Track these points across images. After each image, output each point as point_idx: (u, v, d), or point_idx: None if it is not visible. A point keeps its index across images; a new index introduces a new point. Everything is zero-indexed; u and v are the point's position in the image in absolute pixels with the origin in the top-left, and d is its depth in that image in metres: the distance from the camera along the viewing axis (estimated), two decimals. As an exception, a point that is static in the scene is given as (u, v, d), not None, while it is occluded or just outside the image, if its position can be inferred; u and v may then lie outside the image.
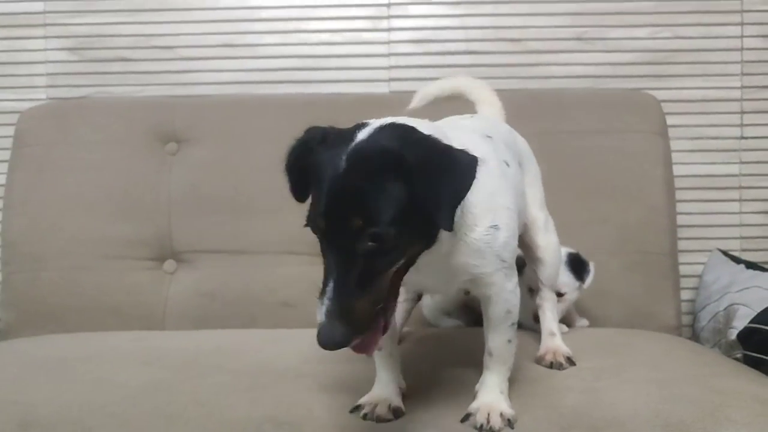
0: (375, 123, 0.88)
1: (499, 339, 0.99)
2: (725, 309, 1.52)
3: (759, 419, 0.96)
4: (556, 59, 1.90)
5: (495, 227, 0.93)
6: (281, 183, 1.65)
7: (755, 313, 1.39)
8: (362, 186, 0.82)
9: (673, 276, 1.62)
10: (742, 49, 1.89)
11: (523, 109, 1.73)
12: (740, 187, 1.89)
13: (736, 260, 1.66)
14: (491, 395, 0.98)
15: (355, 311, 0.81)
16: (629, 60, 1.89)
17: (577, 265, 1.39)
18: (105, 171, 1.69)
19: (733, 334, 1.42)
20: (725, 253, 1.73)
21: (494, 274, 0.95)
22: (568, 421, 0.97)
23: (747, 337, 1.39)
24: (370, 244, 0.81)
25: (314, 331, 1.40)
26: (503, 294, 0.97)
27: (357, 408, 0.99)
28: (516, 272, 1.00)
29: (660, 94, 1.79)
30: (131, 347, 1.29)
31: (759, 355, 1.35)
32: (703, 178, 1.87)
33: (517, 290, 1.00)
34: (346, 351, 0.84)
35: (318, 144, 0.89)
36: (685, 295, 1.75)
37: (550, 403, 1.01)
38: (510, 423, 0.95)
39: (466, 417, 0.96)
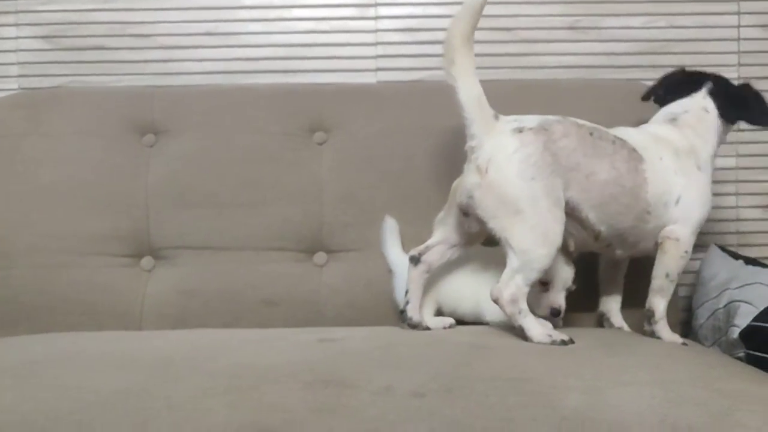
0: None
1: None
2: (725, 306, 1.47)
3: (770, 423, 0.91)
4: (549, 49, 1.85)
5: None
6: (264, 175, 1.61)
7: (758, 311, 1.35)
8: None
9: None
10: (738, 39, 1.85)
11: (515, 100, 1.66)
12: (737, 181, 1.85)
13: (735, 256, 1.62)
14: None
15: None
16: (624, 50, 1.84)
17: None
18: (79, 164, 1.61)
19: (734, 333, 1.38)
20: (723, 248, 1.68)
21: None
22: (569, 424, 0.92)
23: (750, 335, 1.34)
24: None
25: (298, 331, 1.36)
26: None
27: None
28: None
29: (655, 85, 1.74)
30: (103, 349, 1.21)
31: (763, 355, 1.30)
32: (700, 171, 1.82)
33: None
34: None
35: None
36: (682, 291, 1.71)
37: (550, 402, 0.95)
38: None
39: None
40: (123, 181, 1.61)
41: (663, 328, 1.35)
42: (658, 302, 1.35)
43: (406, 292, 1.35)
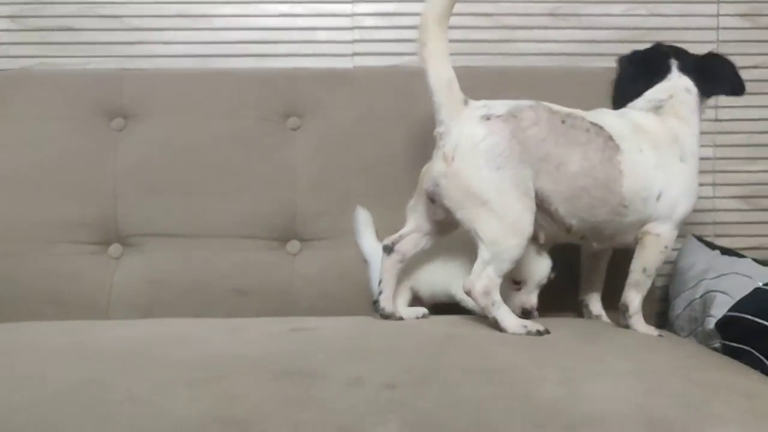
0: None
1: None
2: (701, 296, 1.46)
3: (746, 415, 0.89)
4: (529, 35, 1.82)
5: None
6: (236, 161, 1.57)
7: (734, 301, 1.33)
8: None
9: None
10: (718, 28, 1.84)
11: (494, 87, 1.64)
12: (714, 171, 1.84)
13: (711, 246, 1.61)
14: None
15: None
16: (604, 37, 1.82)
17: None
18: (44, 148, 1.56)
19: (710, 323, 1.36)
20: (700, 238, 1.67)
21: None
22: (544, 416, 0.90)
23: (726, 326, 1.33)
24: None
25: (269, 320, 1.33)
26: None
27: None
28: None
29: (634, 73, 1.72)
30: (66, 339, 1.17)
31: (739, 345, 1.29)
32: (678, 161, 1.81)
33: None
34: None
35: None
36: (659, 281, 1.70)
37: (524, 393, 0.93)
38: None
39: None
40: (90, 167, 1.56)
41: (638, 322, 1.32)
42: (634, 297, 1.31)
43: (380, 282, 1.32)
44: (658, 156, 1.30)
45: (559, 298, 1.41)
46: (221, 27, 1.79)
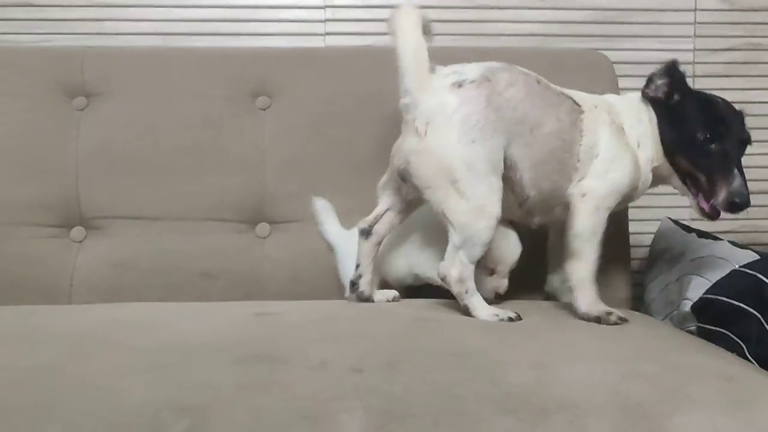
0: None
1: None
2: (677, 279, 1.44)
3: (722, 398, 0.87)
4: (504, 16, 1.80)
5: None
6: (203, 142, 1.53)
7: (710, 284, 1.32)
8: None
9: (623, 246, 1.54)
10: (695, 9, 1.82)
11: (469, 67, 1.61)
12: (691, 154, 1.82)
13: (688, 229, 1.59)
14: None
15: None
16: (580, 18, 1.80)
17: None
18: (2, 127, 1.50)
19: (686, 306, 1.35)
20: (676, 222, 1.65)
21: None
22: (515, 401, 0.86)
23: (702, 308, 1.31)
24: None
25: (235, 304, 1.29)
26: None
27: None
28: None
29: (611, 55, 1.69)
30: (22, 324, 1.13)
31: (715, 328, 1.27)
32: (654, 143, 1.79)
33: None
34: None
35: None
36: (634, 265, 1.68)
37: (495, 379, 0.90)
38: None
39: None
40: (51, 147, 1.51)
41: (583, 296, 1.19)
42: (574, 266, 1.20)
43: (357, 266, 1.29)
44: (606, 116, 1.28)
45: (530, 282, 1.38)
46: (189, 4, 1.75)
